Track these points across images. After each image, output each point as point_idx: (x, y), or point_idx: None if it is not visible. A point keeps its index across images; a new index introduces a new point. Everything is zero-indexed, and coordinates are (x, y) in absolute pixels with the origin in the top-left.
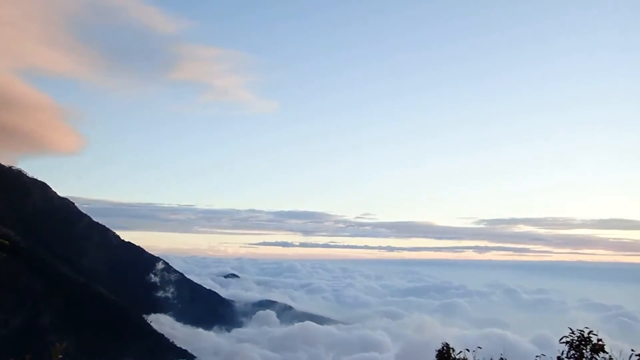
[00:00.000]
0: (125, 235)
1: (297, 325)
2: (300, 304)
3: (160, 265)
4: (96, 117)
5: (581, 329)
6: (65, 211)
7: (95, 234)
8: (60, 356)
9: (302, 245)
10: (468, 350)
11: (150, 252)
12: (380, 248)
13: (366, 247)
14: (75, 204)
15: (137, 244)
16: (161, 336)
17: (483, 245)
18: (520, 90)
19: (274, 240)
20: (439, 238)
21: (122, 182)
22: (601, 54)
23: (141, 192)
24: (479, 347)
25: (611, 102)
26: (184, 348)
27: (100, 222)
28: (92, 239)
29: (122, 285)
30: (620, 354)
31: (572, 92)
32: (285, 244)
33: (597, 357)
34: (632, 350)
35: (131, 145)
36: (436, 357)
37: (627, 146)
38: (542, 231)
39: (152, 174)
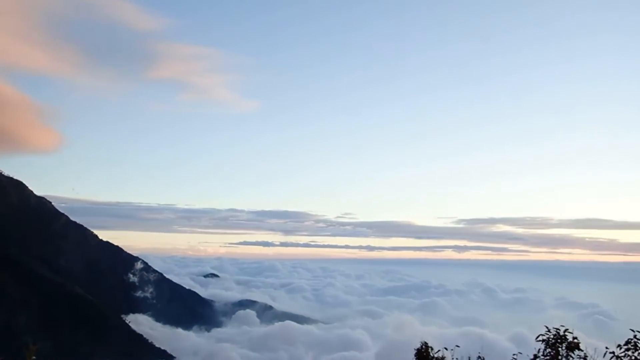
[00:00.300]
0: (104, 235)
1: (277, 324)
2: (281, 304)
3: (139, 265)
4: (74, 115)
5: (557, 327)
6: (42, 210)
7: (73, 234)
8: (34, 357)
9: (283, 244)
10: (446, 349)
11: (129, 251)
12: (360, 247)
13: (346, 246)
14: (52, 203)
15: (115, 244)
16: (140, 336)
17: (462, 244)
18: (499, 94)
19: (254, 240)
20: (419, 238)
21: (100, 180)
22: (578, 57)
23: (120, 191)
24: (457, 346)
25: (587, 106)
26: (162, 348)
27: (77, 222)
28: (70, 238)
29: (100, 286)
30: (595, 351)
31: (552, 96)
32: (265, 244)
33: (572, 355)
34: (607, 347)
35: (109, 144)
36: (415, 356)
37: (603, 148)
38: (520, 231)
39: (131, 173)
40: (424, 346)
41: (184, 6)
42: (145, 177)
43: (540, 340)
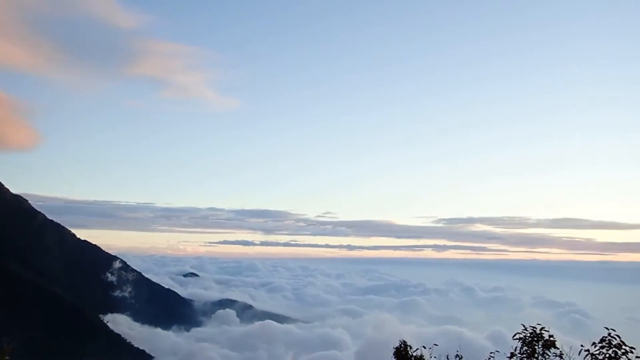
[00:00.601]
0: (82, 234)
1: (257, 324)
2: (261, 303)
3: (117, 264)
4: (52, 113)
5: (534, 325)
6: (18, 209)
7: (50, 232)
8: (7, 358)
9: (263, 243)
10: (425, 347)
11: (107, 250)
12: (340, 247)
13: (327, 245)
14: (29, 201)
15: (93, 243)
16: (118, 336)
17: (441, 244)
18: (479, 99)
19: (234, 239)
20: (399, 237)
21: (78, 179)
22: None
23: (98, 189)
24: (435, 345)
25: (564, 110)
26: (141, 348)
27: (55, 220)
28: (47, 237)
29: (77, 285)
30: (571, 349)
31: (528, 101)
32: (245, 243)
33: (548, 352)
34: (582, 346)
35: (88, 142)
36: (394, 354)
37: (580, 151)
38: (498, 230)
39: (110, 171)
40: (402, 345)
41: (164, 3)
42: (124, 176)
43: (517, 339)
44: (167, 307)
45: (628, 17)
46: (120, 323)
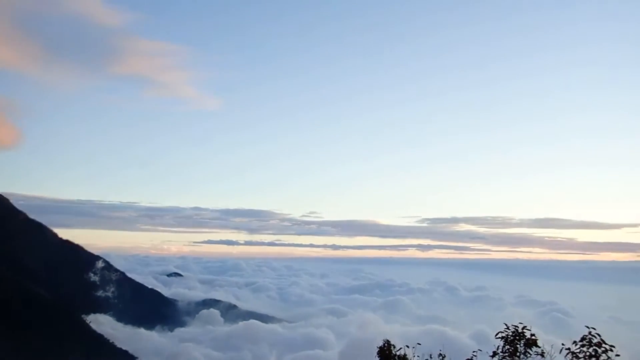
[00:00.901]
0: (64, 233)
1: (242, 324)
2: (245, 303)
3: (100, 264)
4: (33, 110)
5: (516, 324)
6: None
7: (32, 232)
8: None
9: (247, 243)
10: (408, 346)
11: (90, 250)
12: (325, 246)
13: (311, 245)
14: (10, 200)
15: (76, 242)
16: (101, 337)
17: (426, 243)
18: (461, 101)
19: (218, 239)
20: (383, 237)
21: (61, 178)
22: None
23: (81, 188)
24: (418, 344)
25: (545, 113)
26: (124, 349)
27: (37, 220)
28: (29, 236)
29: (60, 285)
30: (552, 347)
31: (509, 103)
32: (230, 242)
33: (530, 351)
34: (563, 344)
35: (71, 140)
36: (377, 354)
37: (561, 152)
38: (481, 230)
39: (93, 170)
40: (386, 344)
41: (148, 1)
42: (107, 175)
43: (499, 337)
44: (150, 307)
45: (626, 22)
46: (103, 323)
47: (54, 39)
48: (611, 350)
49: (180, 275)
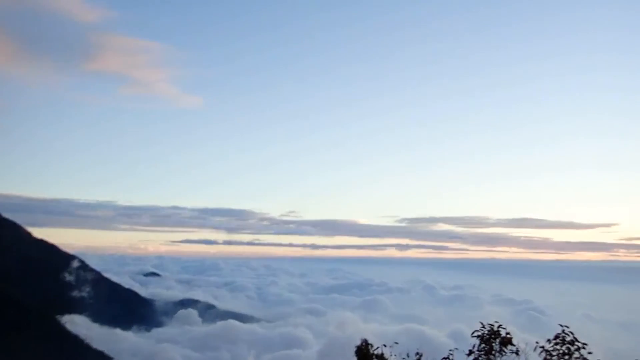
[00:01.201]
0: (38, 232)
1: (220, 323)
2: (223, 303)
3: (75, 264)
4: (6, 107)
5: (492, 323)
6: None
7: (5, 231)
8: None
9: (226, 243)
10: (385, 345)
11: (65, 249)
12: (304, 246)
13: (291, 245)
14: None
15: (51, 242)
16: (76, 337)
17: (404, 243)
18: (435, 95)
19: (197, 238)
20: (362, 236)
21: (35, 176)
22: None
23: (56, 187)
24: (395, 343)
25: (520, 112)
26: (100, 349)
27: (10, 219)
28: (1, 235)
29: (33, 285)
30: (527, 345)
31: (487, 98)
32: (208, 242)
33: (505, 349)
34: (537, 342)
35: (46, 138)
36: (355, 353)
37: (537, 154)
38: (459, 229)
39: (69, 168)
40: (363, 343)
41: None
42: (83, 173)
43: (475, 336)
44: (127, 307)
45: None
46: (78, 324)
47: (30, 36)
48: (583, 348)
49: (157, 275)
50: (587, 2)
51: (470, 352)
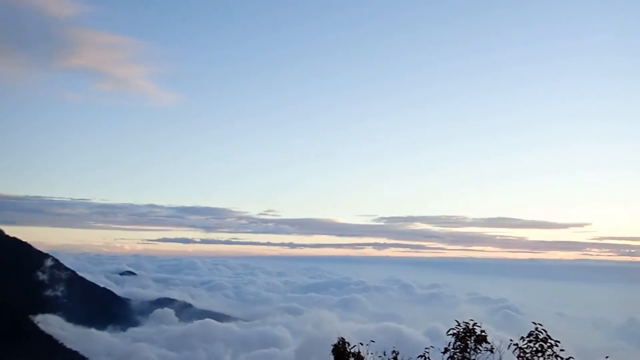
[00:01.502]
0: (11, 231)
1: (197, 322)
2: (200, 302)
3: (49, 262)
4: None
5: (467, 321)
6: None
7: None
8: None
9: (203, 241)
10: (362, 344)
11: (38, 248)
12: (282, 245)
13: (269, 243)
14: None
15: (24, 240)
16: (49, 337)
17: (382, 242)
18: (416, 97)
19: (173, 237)
20: (340, 235)
21: (8, 173)
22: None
23: (29, 184)
24: (372, 341)
25: (497, 111)
26: (74, 349)
27: None
28: None
29: (6, 284)
30: (501, 343)
31: (468, 100)
32: (185, 241)
33: (480, 347)
34: (511, 340)
35: (19, 134)
36: (332, 351)
37: (512, 152)
38: (436, 229)
39: (42, 165)
40: (340, 342)
41: None
42: (57, 170)
43: (450, 334)
44: (102, 307)
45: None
46: (51, 324)
47: (3, 30)
48: (556, 345)
49: (133, 273)
50: (586, 4)
51: (446, 350)
